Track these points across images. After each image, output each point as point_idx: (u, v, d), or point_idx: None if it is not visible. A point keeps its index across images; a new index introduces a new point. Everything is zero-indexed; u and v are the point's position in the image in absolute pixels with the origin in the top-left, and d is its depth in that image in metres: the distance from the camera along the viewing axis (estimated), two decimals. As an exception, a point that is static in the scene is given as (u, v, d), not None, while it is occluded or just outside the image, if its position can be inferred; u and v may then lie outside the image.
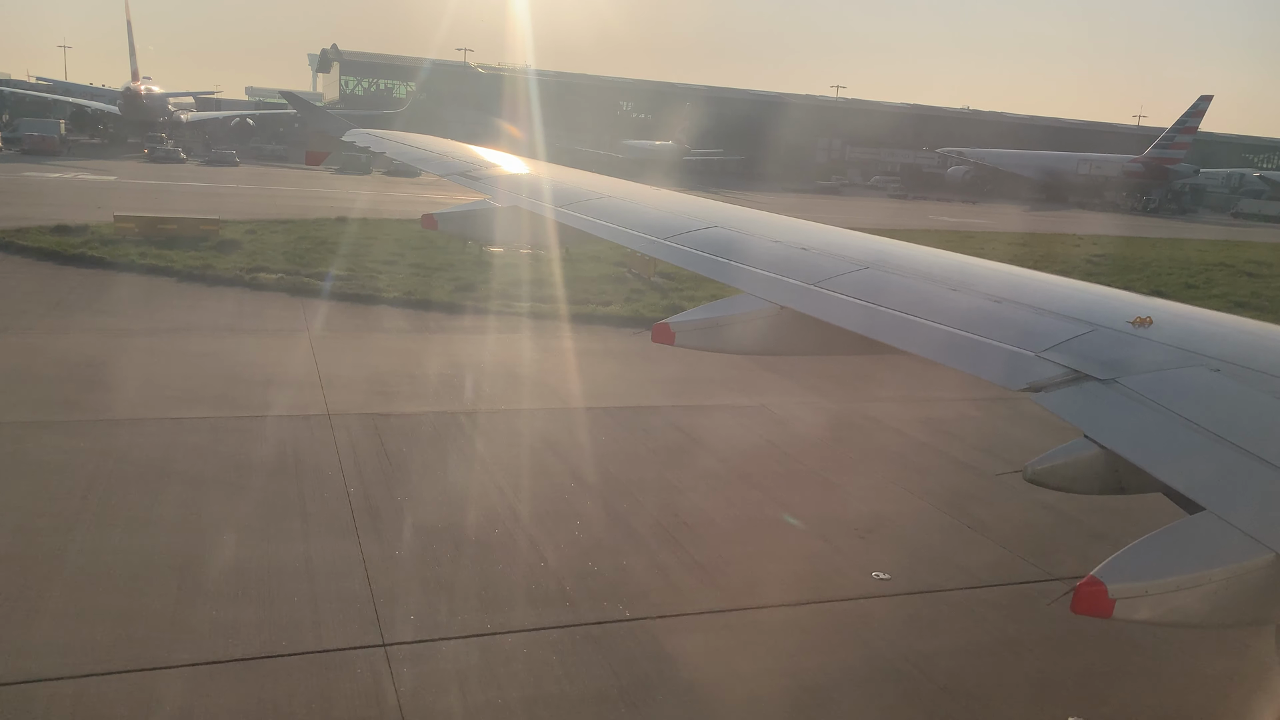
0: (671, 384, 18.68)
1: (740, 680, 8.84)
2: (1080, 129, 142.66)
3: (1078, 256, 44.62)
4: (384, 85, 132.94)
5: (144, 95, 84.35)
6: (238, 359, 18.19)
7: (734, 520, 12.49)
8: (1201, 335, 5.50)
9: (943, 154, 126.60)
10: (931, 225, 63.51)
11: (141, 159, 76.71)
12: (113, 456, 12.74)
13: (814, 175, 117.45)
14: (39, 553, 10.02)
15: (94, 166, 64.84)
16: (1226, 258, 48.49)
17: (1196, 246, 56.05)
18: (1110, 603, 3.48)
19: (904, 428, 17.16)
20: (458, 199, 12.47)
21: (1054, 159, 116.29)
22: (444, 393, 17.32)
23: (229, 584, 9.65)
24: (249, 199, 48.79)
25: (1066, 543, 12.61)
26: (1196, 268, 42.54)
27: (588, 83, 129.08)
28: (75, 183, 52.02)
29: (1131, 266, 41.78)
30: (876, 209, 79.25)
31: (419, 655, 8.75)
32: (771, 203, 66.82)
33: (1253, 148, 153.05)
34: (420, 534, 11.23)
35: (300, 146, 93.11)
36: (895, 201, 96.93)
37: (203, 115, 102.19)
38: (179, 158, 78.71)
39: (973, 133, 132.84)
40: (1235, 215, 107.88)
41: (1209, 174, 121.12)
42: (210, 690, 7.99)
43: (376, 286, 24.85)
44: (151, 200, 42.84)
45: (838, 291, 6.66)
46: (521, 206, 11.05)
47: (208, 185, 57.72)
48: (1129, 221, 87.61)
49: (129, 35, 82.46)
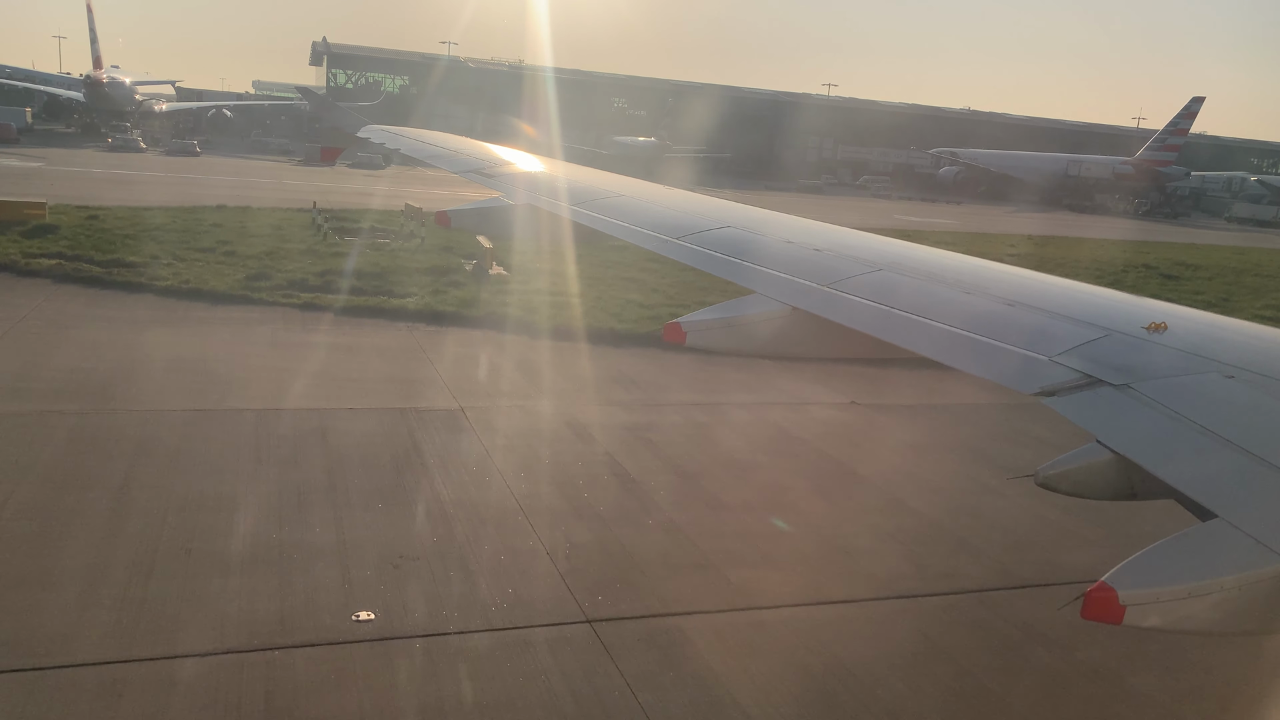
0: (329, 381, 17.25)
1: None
2: (1080, 131, 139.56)
3: (992, 255, 42.63)
4: (373, 79, 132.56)
5: (106, 83, 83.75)
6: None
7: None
8: (1216, 341, 5.46)
9: (935, 154, 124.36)
10: (892, 225, 61.64)
11: (101, 148, 76.31)
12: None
13: (804, 174, 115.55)
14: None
15: (37, 155, 64.30)
16: (1156, 259, 46.54)
17: (1139, 248, 54.02)
18: (1121, 609, 3.48)
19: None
20: (440, 193, 11.66)
21: (1044, 160, 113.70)
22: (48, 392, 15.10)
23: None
24: (156, 187, 47.80)
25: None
26: (1114, 269, 40.58)
27: (578, 78, 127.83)
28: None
29: (1041, 267, 39.73)
30: (848, 208, 77.26)
31: None
32: (743, 200, 64.83)
33: (1258, 151, 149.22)
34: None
35: (297, 140, 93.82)
36: (877, 201, 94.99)
37: (179, 105, 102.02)
38: (138, 147, 78.21)
39: (971, 133, 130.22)
40: (1229, 219, 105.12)
41: (1209, 177, 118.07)
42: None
43: (156, 275, 23.61)
44: (54, 187, 41.77)
45: (851, 293, 6.60)
46: (535, 205, 11.09)
47: (135, 174, 56.90)
48: (1106, 224, 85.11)
49: (89, 22, 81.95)
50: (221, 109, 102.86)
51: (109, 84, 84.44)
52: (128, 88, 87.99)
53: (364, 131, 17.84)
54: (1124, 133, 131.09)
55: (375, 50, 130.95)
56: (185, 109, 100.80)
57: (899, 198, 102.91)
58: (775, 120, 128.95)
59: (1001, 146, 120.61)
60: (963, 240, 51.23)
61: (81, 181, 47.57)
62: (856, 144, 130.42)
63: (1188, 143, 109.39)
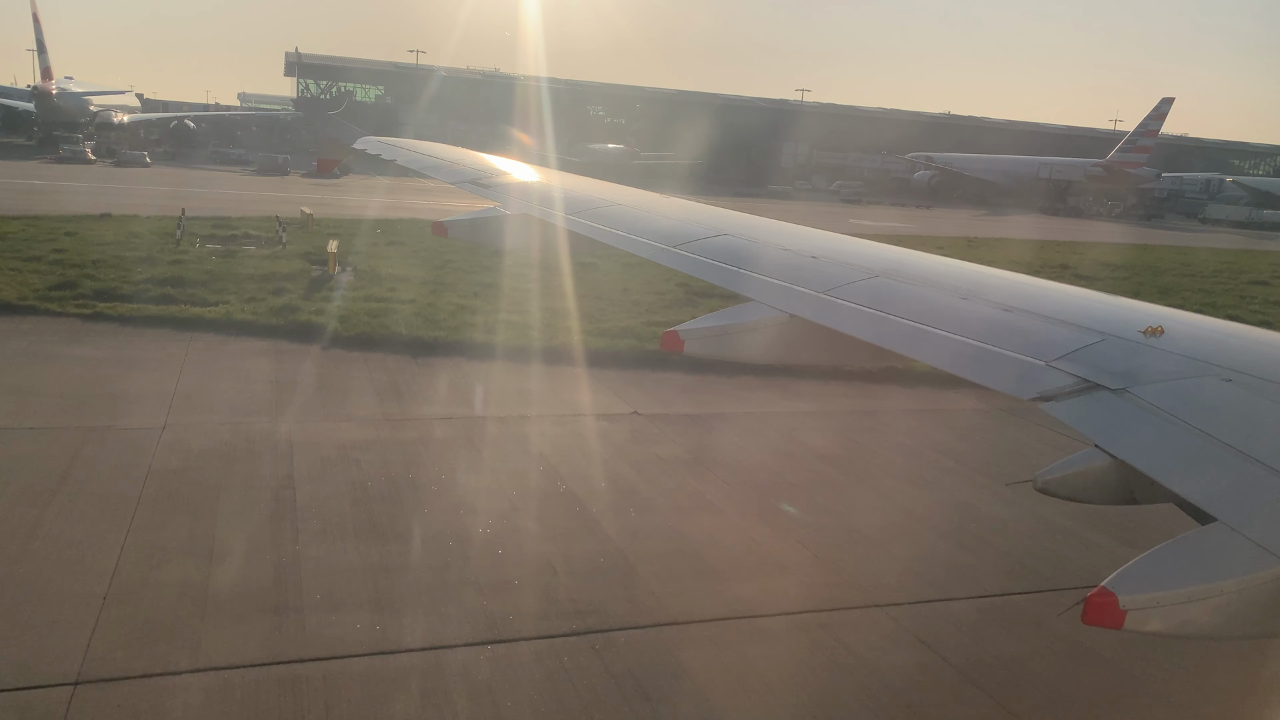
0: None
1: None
2: (1060, 134, 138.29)
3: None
4: (344, 88, 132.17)
5: (55, 95, 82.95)
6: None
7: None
8: (1213, 345, 5.46)
9: (911, 159, 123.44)
10: (845, 230, 60.32)
11: (48, 160, 75.54)
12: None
13: (778, 180, 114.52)
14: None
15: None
16: (1079, 260, 45.28)
17: (1071, 248, 52.95)
18: (1121, 614, 3.48)
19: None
20: (428, 204, 10.91)
21: (1016, 163, 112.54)
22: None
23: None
24: (61, 196, 46.92)
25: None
26: (1022, 268, 39.00)
27: (554, 85, 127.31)
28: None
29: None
30: (806, 213, 75.92)
31: None
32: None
33: (1239, 153, 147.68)
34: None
35: (265, 151, 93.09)
36: (842, 206, 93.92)
37: (140, 117, 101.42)
38: (86, 158, 77.50)
39: (950, 138, 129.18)
40: (1203, 220, 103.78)
41: (1186, 178, 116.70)
42: None
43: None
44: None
45: (848, 300, 6.64)
46: (530, 214, 11.14)
47: (55, 184, 56.03)
48: (1066, 225, 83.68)
49: (37, 32, 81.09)
50: (184, 120, 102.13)
51: (59, 95, 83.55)
52: (80, 98, 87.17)
53: (360, 143, 18.05)
54: (1104, 135, 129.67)
55: (347, 60, 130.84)
56: (146, 120, 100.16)
57: (869, 202, 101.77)
58: (750, 126, 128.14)
59: (981, 150, 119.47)
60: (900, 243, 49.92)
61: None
62: (834, 149, 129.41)
63: (1172, 145, 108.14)
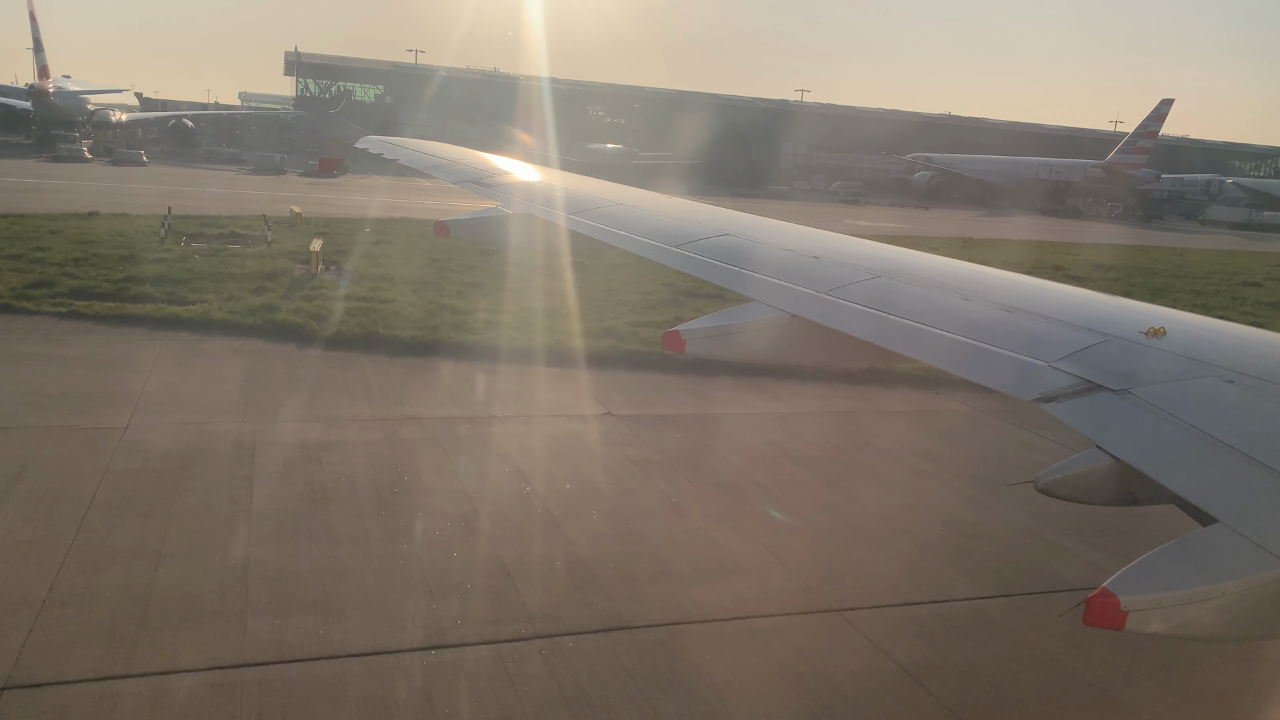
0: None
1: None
2: (1062, 135, 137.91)
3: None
4: (343, 87, 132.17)
5: (52, 93, 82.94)
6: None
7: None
8: (1215, 346, 5.47)
9: (910, 160, 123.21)
10: (844, 231, 60.08)
11: (45, 159, 75.50)
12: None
13: (777, 180, 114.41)
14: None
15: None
16: (1074, 261, 45.41)
17: (1065, 249, 52.84)
18: (1123, 615, 3.47)
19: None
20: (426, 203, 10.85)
21: (1015, 164, 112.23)
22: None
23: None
24: (53, 195, 46.82)
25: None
26: (1016, 270, 38.77)
27: (554, 85, 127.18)
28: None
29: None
30: (807, 213, 75.79)
31: None
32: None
33: (1239, 154, 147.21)
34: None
35: (263, 150, 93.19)
36: (840, 206, 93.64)
37: (138, 116, 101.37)
38: (82, 157, 77.48)
39: (948, 138, 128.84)
40: (1202, 222, 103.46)
41: (1186, 180, 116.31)
42: None
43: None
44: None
45: (849, 300, 6.65)
46: (533, 214, 11.16)
47: (49, 182, 55.89)
48: (1065, 226, 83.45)
49: (33, 31, 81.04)
50: (182, 119, 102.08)
51: (56, 93, 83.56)
52: (77, 97, 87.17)
53: (362, 142, 18.01)
54: (1103, 136, 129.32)
55: (347, 59, 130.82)
56: (144, 119, 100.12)
57: (868, 203, 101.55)
58: (749, 126, 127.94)
59: (981, 151, 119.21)
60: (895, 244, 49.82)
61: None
62: (833, 149, 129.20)
63: (1172, 146, 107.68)
